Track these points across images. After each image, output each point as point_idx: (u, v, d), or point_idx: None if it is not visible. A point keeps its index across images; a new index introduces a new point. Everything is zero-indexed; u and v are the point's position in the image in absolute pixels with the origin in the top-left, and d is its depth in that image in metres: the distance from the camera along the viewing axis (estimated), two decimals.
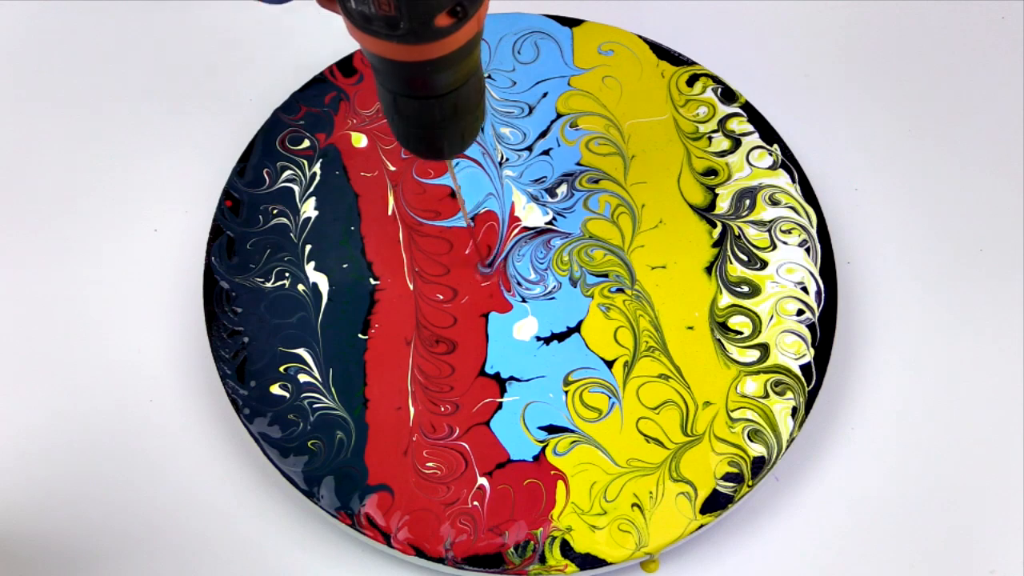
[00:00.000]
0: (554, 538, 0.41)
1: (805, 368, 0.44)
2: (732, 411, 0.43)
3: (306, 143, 0.49)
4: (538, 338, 0.45)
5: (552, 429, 0.43)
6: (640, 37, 0.51)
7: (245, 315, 0.45)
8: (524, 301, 0.45)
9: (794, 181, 0.48)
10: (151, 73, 0.54)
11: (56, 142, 0.52)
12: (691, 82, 0.50)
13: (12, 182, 0.51)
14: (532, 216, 0.47)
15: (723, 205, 0.48)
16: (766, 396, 0.43)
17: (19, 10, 0.55)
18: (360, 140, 0.49)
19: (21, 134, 0.52)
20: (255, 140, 0.49)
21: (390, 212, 0.47)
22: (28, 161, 0.51)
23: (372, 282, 0.46)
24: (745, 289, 0.46)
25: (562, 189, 0.48)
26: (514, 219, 0.47)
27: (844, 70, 0.54)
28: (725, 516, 0.42)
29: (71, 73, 0.54)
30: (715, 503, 0.41)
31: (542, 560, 0.40)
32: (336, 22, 0.54)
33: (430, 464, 0.42)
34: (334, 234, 0.47)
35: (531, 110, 0.50)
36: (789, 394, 0.43)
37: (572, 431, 0.43)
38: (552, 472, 0.42)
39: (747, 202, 0.48)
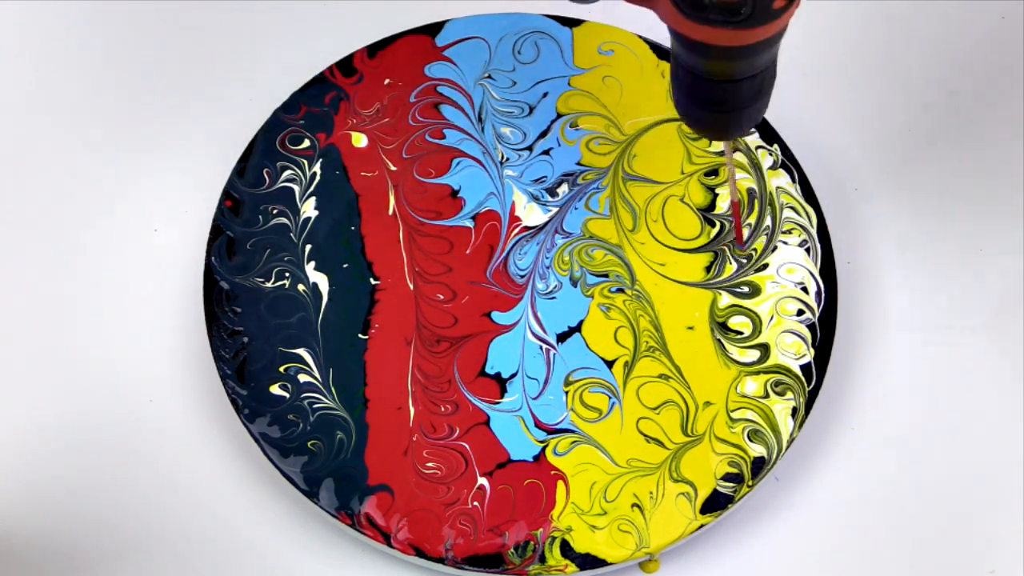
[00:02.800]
0: (554, 538, 0.41)
1: (805, 368, 0.44)
2: (732, 411, 0.43)
3: (306, 143, 0.49)
4: (538, 338, 0.45)
5: (552, 429, 0.43)
6: (640, 37, 0.51)
7: (245, 315, 0.45)
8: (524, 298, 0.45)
9: (794, 181, 0.48)
10: (151, 73, 0.54)
11: (55, 142, 0.52)
12: None
13: (11, 182, 0.51)
14: (532, 216, 0.47)
15: (723, 205, 0.48)
16: (766, 396, 0.43)
17: (18, 9, 0.55)
18: (360, 140, 0.49)
19: (20, 134, 0.52)
20: (255, 140, 0.49)
21: (390, 212, 0.47)
22: (27, 161, 0.51)
23: (372, 282, 0.46)
24: (745, 289, 0.46)
25: (562, 189, 0.48)
26: (514, 219, 0.47)
27: (844, 70, 0.54)
28: (725, 516, 0.42)
29: (71, 73, 0.54)
30: (715, 503, 0.41)
31: (542, 560, 0.40)
32: (335, 21, 0.54)
33: (430, 464, 0.42)
34: (334, 234, 0.47)
35: (531, 110, 0.50)
36: (789, 394, 0.43)
37: (572, 431, 0.43)
38: (552, 472, 0.42)
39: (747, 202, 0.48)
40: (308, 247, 0.46)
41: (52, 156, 0.51)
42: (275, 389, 0.43)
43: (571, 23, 0.52)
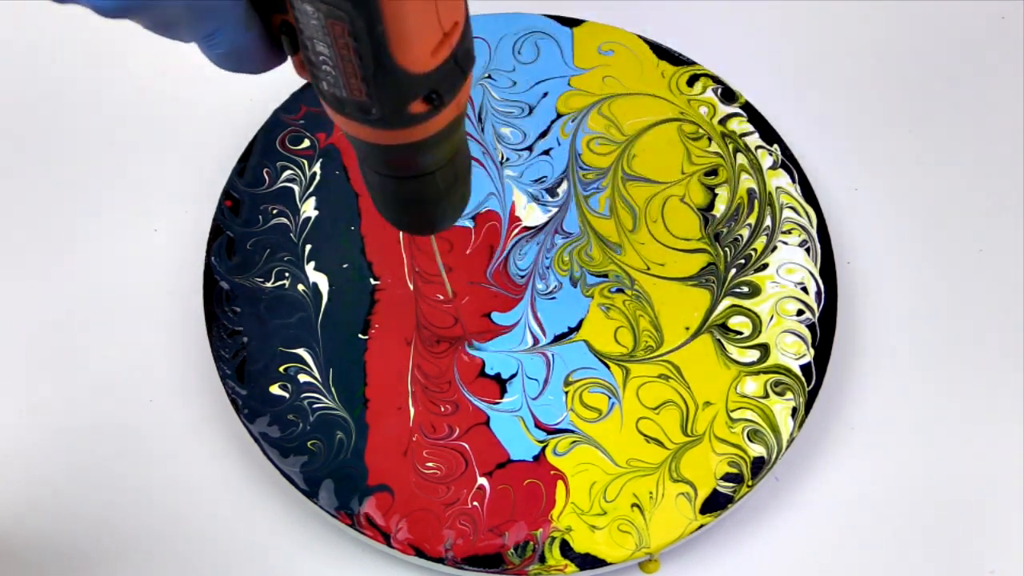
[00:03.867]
0: (554, 538, 0.41)
1: (805, 368, 0.44)
2: (732, 411, 0.43)
3: (306, 143, 0.49)
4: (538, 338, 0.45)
5: (552, 429, 0.43)
6: (640, 37, 0.51)
7: (245, 315, 0.45)
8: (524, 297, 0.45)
9: (794, 181, 0.48)
10: (151, 72, 0.54)
11: (56, 142, 0.52)
12: (691, 82, 0.50)
13: (12, 182, 0.51)
14: (532, 216, 0.47)
15: (722, 206, 0.48)
16: (766, 396, 0.43)
17: (22, 9, 0.55)
18: None
19: (21, 134, 0.52)
20: (255, 140, 0.49)
21: None
22: (28, 161, 0.51)
23: (372, 282, 0.46)
24: (745, 290, 0.46)
25: (562, 189, 0.48)
26: (514, 219, 0.47)
27: (844, 70, 0.54)
28: (725, 516, 0.42)
29: (71, 73, 0.54)
30: (715, 503, 0.41)
31: (542, 560, 0.40)
32: None
33: (430, 464, 0.42)
34: (334, 234, 0.47)
35: (531, 110, 0.50)
36: (789, 394, 0.43)
37: (572, 431, 0.43)
38: (552, 472, 0.42)
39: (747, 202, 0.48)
40: (308, 247, 0.46)
41: (52, 156, 0.51)
42: (275, 389, 0.43)
43: (571, 23, 0.52)
